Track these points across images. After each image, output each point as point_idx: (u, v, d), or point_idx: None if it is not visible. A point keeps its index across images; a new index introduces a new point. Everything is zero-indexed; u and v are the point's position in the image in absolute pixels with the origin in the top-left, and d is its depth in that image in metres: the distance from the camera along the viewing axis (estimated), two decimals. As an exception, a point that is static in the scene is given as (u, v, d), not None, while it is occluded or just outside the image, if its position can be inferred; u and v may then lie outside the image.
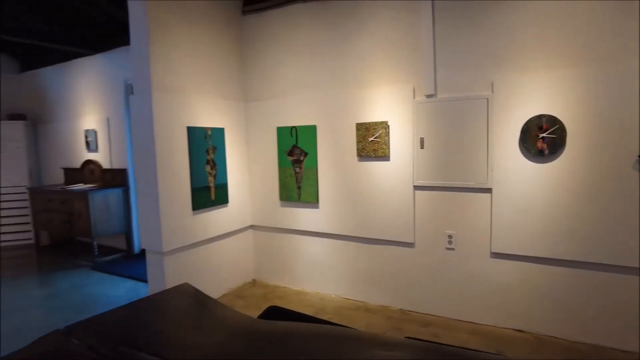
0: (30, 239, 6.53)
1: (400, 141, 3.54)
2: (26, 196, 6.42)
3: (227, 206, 4.25)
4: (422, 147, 3.45)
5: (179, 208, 3.71)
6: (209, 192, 4.01)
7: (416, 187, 3.52)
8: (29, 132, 6.76)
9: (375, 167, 3.71)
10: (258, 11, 4.26)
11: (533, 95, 2.98)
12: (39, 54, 6.64)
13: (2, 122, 6.53)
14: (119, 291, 4.47)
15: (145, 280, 4.27)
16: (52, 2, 5.05)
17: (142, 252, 4.32)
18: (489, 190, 3.20)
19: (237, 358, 1.42)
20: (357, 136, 3.75)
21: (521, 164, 3.06)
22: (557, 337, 3.07)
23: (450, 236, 3.40)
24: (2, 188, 6.39)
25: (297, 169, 4.16)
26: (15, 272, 5.30)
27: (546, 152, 2.95)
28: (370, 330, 3.32)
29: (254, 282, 4.60)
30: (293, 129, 4.13)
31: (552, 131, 2.91)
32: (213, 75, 4.07)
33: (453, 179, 3.33)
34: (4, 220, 6.44)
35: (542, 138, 2.95)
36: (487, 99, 3.13)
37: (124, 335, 1.57)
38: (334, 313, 3.72)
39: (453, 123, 3.28)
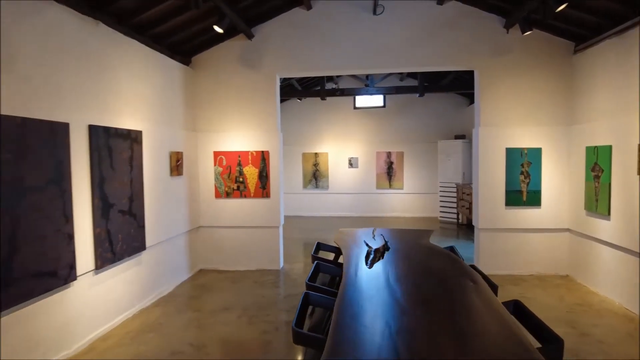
0: (454, 217, 9.90)
1: (671, 162, 3.61)
2: (455, 189, 9.81)
3: (539, 208, 5.49)
4: (688, 169, 3.41)
5: (493, 202, 5.54)
6: (520, 195, 5.50)
7: (683, 209, 3.49)
8: (465, 146, 10.10)
9: (652, 186, 3.87)
10: (583, 49, 5.11)
11: None
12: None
13: (451, 140, 10.25)
14: (464, 252, 6.75)
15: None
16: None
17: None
18: None
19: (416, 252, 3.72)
20: (638, 155, 4.03)
21: None
22: None
23: None
24: (445, 183, 10.14)
25: (596, 184, 4.75)
26: (441, 236, 8.74)
27: None
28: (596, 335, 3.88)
29: (565, 277, 5.47)
30: (595, 148, 4.76)
31: None
32: (535, 108, 5.45)
33: None
34: (445, 204, 10.18)
35: None
36: None
37: (390, 236, 4.20)
38: (586, 313, 4.31)
39: None
